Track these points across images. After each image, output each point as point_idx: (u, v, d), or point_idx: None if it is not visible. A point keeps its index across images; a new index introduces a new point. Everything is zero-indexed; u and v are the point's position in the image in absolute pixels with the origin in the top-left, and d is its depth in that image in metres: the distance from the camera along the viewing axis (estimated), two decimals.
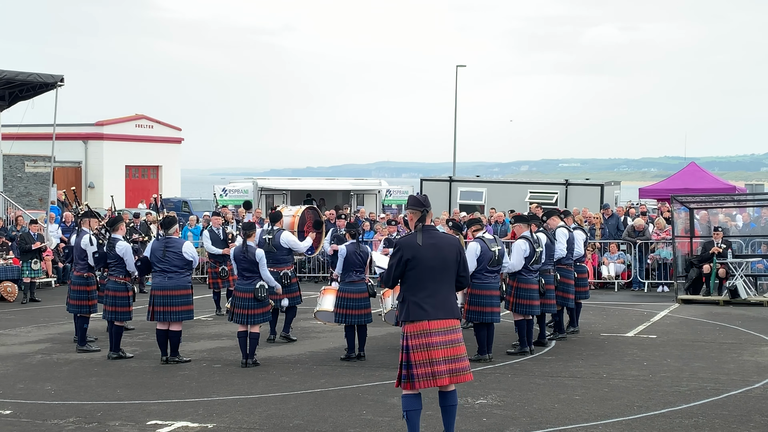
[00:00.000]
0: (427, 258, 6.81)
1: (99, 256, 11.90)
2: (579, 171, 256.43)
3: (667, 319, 15.16)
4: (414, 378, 6.80)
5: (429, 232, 6.95)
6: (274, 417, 8.49)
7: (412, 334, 6.83)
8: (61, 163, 43.47)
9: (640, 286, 19.85)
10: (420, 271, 6.80)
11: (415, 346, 6.80)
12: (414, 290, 6.84)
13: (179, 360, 11.32)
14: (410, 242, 6.86)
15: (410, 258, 6.81)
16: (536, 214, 14.67)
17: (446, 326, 6.89)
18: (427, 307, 6.79)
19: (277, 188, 32.86)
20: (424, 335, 6.79)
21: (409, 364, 6.82)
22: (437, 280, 6.85)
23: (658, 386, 9.75)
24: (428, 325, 6.79)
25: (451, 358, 6.87)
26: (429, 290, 6.81)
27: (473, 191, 29.02)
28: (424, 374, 6.79)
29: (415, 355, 6.80)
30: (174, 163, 52.95)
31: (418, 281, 6.82)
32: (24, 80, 21.72)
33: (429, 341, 6.78)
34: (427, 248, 6.82)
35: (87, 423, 8.33)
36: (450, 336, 6.89)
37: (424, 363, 6.78)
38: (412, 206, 7.04)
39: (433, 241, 6.87)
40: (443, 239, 7.02)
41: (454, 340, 6.92)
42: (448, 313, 6.90)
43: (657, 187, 29.76)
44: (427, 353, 6.78)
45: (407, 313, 6.87)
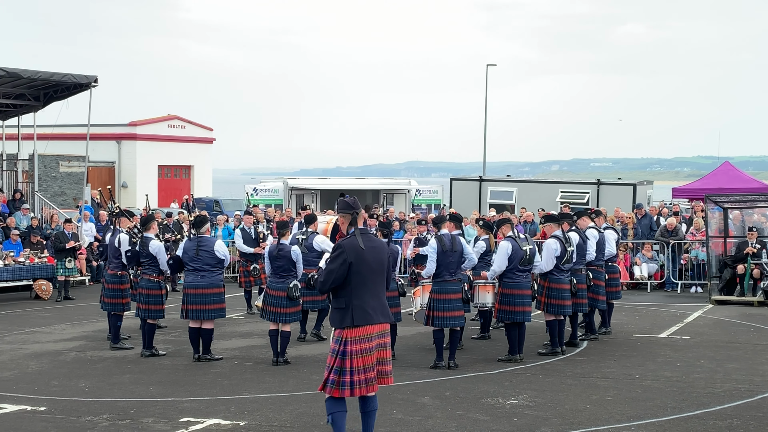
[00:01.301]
0: (369, 261, 6.65)
1: (132, 254, 12.03)
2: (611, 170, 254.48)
3: (700, 320, 15.01)
4: (347, 385, 6.57)
5: (366, 235, 6.78)
6: (305, 415, 8.52)
7: (352, 340, 6.59)
8: (95, 163, 43.89)
9: (673, 287, 19.66)
10: (364, 275, 6.62)
11: (355, 352, 6.57)
12: (359, 294, 6.62)
13: (211, 358, 11.40)
14: (353, 245, 6.65)
15: (353, 261, 6.61)
16: (567, 213, 14.60)
17: (383, 330, 6.74)
18: (371, 311, 6.62)
19: (306, 188, 32.99)
20: (366, 340, 6.60)
21: (342, 370, 6.57)
22: (378, 283, 6.72)
23: (692, 387, 9.66)
24: (371, 329, 6.61)
25: (381, 360, 6.72)
26: (372, 293, 6.66)
27: (503, 191, 28.92)
28: (363, 381, 6.59)
29: (354, 362, 6.57)
30: (206, 163, 53.29)
31: (362, 285, 6.62)
32: (59, 81, 21.98)
33: (370, 346, 6.61)
34: (368, 251, 6.67)
35: (120, 420, 8.42)
36: (384, 339, 6.74)
37: (362, 369, 6.58)
38: (342, 210, 6.85)
39: (372, 244, 6.73)
40: (379, 242, 6.88)
41: (386, 343, 6.77)
42: (387, 316, 6.78)
43: (690, 187, 29.44)
44: (369, 358, 6.60)
45: (353, 319, 6.60)
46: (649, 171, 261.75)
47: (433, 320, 10.81)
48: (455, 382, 9.99)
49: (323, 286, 6.73)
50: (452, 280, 10.82)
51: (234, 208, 34.68)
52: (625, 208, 23.64)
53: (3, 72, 20.33)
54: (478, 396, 9.29)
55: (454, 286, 10.84)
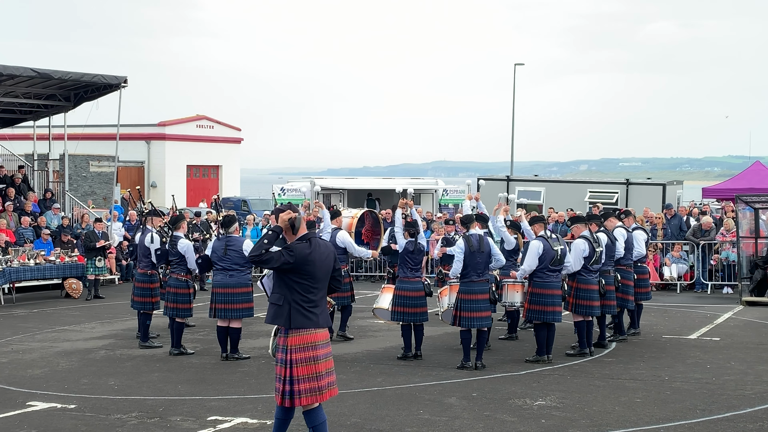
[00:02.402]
0: (314, 266, 6.53)
1: (161, 253, 12.13)
2: (640, 170, 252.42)
3: (730, 322, 14.84)
4: (296, 394, 6.45)
5: (312, 240, 6.62)
6: (332, 414, 8.52)
7: (296, 348, 6.45)
8: (125, 163, 44.30)
9: (703, 288, 19.47)
10: (308, 279, 6.51)
11: (299, 360, 6.44)
12: (300, 299, 6.49)
13: (239, 357, 11.45)
14: (300, 249, 6.50)
15: (299, 265, 6.47)
16: (596, 214, 14.50)
17: (327, 338, 6.63)
18: (312, 317, 6.50)
19: (334, 187, 33.04)
20: (311, 348, 6.48)
21: (291, 379, 6.45)
22: (321, 288, 6.60)
23: (722, 389, 9.56)
24: (315, 337, 6.50)
25: (330, 370, 6.60)
26: (315, 300, 6.54)
27: (531, 191, 28.77)
28: (310, 389, 6.45)
29: (299, 370, 6.43)
30: (234, 163, 53.58)
31: (306, 290, 6.50)
32: (89, 81, 22.18)
33: (315, 354, 6.47)
34: (316, 256, 6.54)
35: (149, 418, 8.48)
36: (329, 348, 6.65)
37: (309, 378, 6.45)
38: None
39: (319, 249, 6.59)
40: (323, 246, 6.70)
41: (330, 353, 6.67)
42: (328, 323, 6.71)
43: (721, 187, 29.12)
44: (314, 367, 6.46)
45: (290, 320, 6.46)
46: (678, 171, 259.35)
47: (461, 320, 10.78)
48: (482, 383, 9.96)
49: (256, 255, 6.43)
50: (480, 281, 10.79)
51: (262, 207, 34.88)
52: (655, 209, 23.44)
53: (34, 73, 20.56)
54: (506, 397, 9.25)
55: (482, 286, 10.81)
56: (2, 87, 21.80)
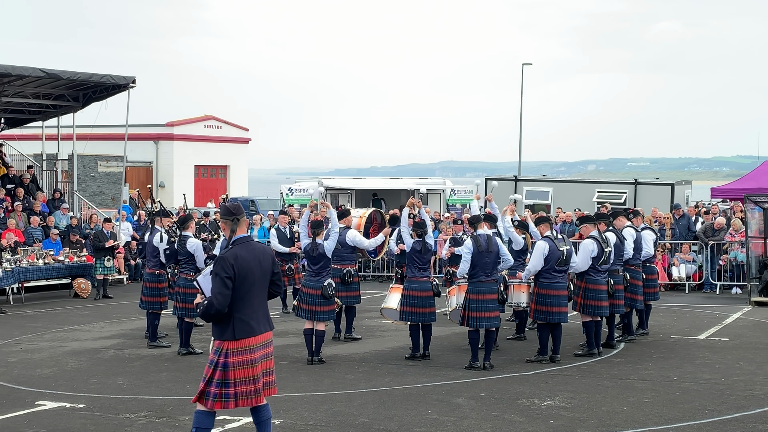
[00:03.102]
0: (251, 270, 6.38)
1: (170, 253, 12.16)
2: (648, 170, 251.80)
3: (739, 322, 14.80)
4: (231, 397, 6.33)
5: (247, 243, 6.47)
6: (340, 414, 8.54)
7: (233, 351, 6.34)
8: (133, 163, 44.40)
9: (712, 288, 19.41)
10: (245, 286, 6.35)
11: (236, 364, 6.33)
12: (240, 306, 6.34)
13: None
14: (235, 256, 6.35)
15: (237, 273, 6.32)
16: (604, 213, 14.47)
17: (267, 340, 6.50)
18: (253, 324, 6.38)
19: (342, 187, 33.06)
20: (248, 351, 6.36)
21: (225, 382, 6.33)
22: (259, 293, 6.47)
23: (731, 390, 9.53)
24: (253, 340, 6.37)
25: (267, 371, 6.50)
26: (254, 306, 6.41)
27: (539, 191, 28.72)
28: (246, 392, 6.35)
29: (236, 373, 6.33)
30: (241, 163, 53.66)
31: (244, 296, 6.35)
32: (97, 82, 22.24)
33: (252, 357, 6.36)
34: (252, 261, 6.39)
35: (158, 417, 8.50)
36: (268, 349, 6.50)
37: (246, 380, 6.35)
38: (223, 216, 6.60)
39: (254, 253, 6.44)
40: (261, 249, 6.55)
41: (269, 353, 6.53)
42: (269, 326, 6.54)
43: (730, 187, 29.03)
44: (252, 370, 6.35)
45: (233, 332, 6.33)
46: (687, 171, 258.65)
47: (469, 320, 10.77)
48: (490, 383, 9.96)
49: (222, 309, 6.27)
50: (488, 281, 10.78)
51: (269, 207, 34.90)
52: (663, 209, 23.38)
53: (43, 73, 20.63)
54: (514, 397, 9.24)
55: (490, 286, 10.80)
56: (11, 87, 21.87)
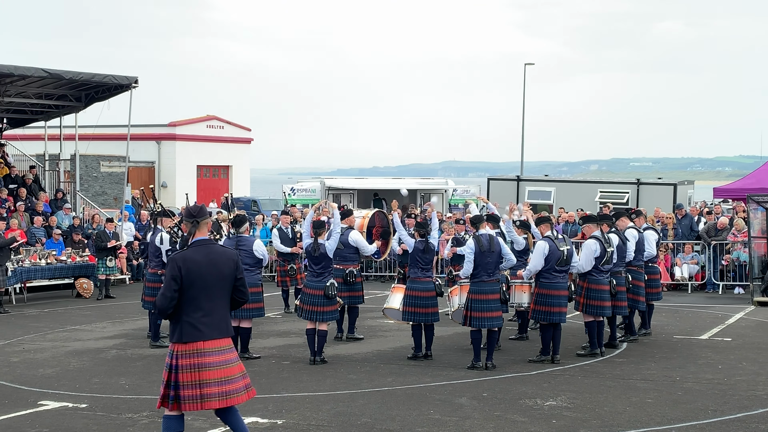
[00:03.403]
0: (204, 275, 6.31)
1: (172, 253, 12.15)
2: (651, 170, 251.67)
3: (742, 322, 14.78)
4: (180, 399, 6.30)
5: (206, 246, 6.43)
6: (342, 414, 8.54)
7: (182, 353, 6.31)
8: (135, 163, 44.46)
9: (714, 288, 19.39)
10: (197, 289, 6.30)
11: (185, 366, 6.28)
12: (189, 309, 6.30)
13: (249, 356, 11.46)
14: (186, 258, 6.33)
15: (185, 276, 6.28)
16: (607, 214, 14.46)
17: (221, 346, 6.38)
18: (202, 328, 6.29)
19: (344, 187, 33.08)
20: (197, 355, 6.29)
21: (177, 384, 6.30)
22: (214, 297, 6.36)
23: (734, 390, 9.52)
24: (202, 345, 6.30)
25: (224, 379, 6.36)
26: (205, 309, 6.32)
27: (542, 191, 28.72)
28: (192, 396, 6.29)
29: (184, 376, 6.28)
30: (244, 163, 53.68)
31: (193, 299, 6.30)
32: (100, 82, 22.26)
33: (201, 361, 6.29)
34: (205, 264, 6.33)
35: (160, 417, 8.46)
36: (225, 356, 6.39)
37: (192, 384, 6.28)
38: (185, 217, 6.59)
39: (211, 256, 6.37)
40: (221, 254, 6.45)
41: (229, 360, 6.42)
42: (223, 332, 6.41)
43: (732, 187, 28.97)
44: (198, 374, 6.28)
45: (180, 334, 6.32)
46: (689, 170, 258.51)
47: (471, 320, 10.77)
48: (493, 383, 9.95)
49: (165, 304, 6.30)
50: (490, 281, 10.78)
51: (272, 207, 34.95)
52: (666, 209, 23.37)
53: (45, 73, 20.65)
54: (516, 397, 9.24)
55: (492, 286, 10.79)
56: (14, 87, 21.90)
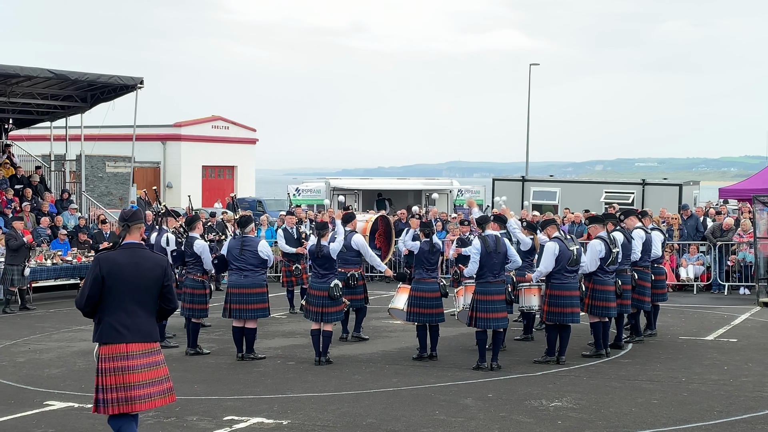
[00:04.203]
0: (126, 277, 6.34)
1: (177, 254, 12.17)
2: (656, 170, 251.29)
3: (748, 323, 14.75)
4: (106, 402, 6.35)
5: (133, 249, 6.46)
6: (348, 415, 8.54)
7: (106, 357, 6.35)
8: (141, 164, 44.51)
9: (720, 289, 19.35)
10: (118, 291, 6.33)
11: (108, 370, 6.34)
12: (110, 311, 6.34)
13: (254, 357, 11.48)
14: (110, 259, 6.38)
15: (106, 276, 6.32)
16: (612, 214, 14.44)
17: (145, 349, 6.42)
18: (123, 330, 6.32)
19: (348, 188, 33.05)
20: (121, 358, 6.33)
21: (103, 387, 6.36)
22: (137, 301, 6.38)
23: (739, 391, 9.50)
24: (126, 348, 6.34)
25: (149, 382, 6.42)
26: (127, 312, 6.35)
27: (546, 191, 28.70)
28: (117, 399, 6.32)
29: (107, 379, 6.33)
30: (249, 164, 53.70)
31: (115, 301, 6.34)
32: (105, 82, 22.31)
33: (126, 364, 6.33)
34: (128, 266, 6.36)
35: (165, 418, 8.51)
36: (148, 359, 6.43)
37: (116, 387, 6.32)
38: (118, 221, 6.56)
39: (136, 260, 6.40)
40: (148, 259, 6.49)
41: (153, 363, 6.47)
42: (146, 336, 6.43)
43: (738, 187, 28.90)
44: (122, 377, 6.32)
45: (100, 335, 6.37)
46: (695, 171, 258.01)
47: (476, 321, 10.76)
48: (498, 384, 9.95)
49: (80, 301, 6.39)
50: (496, 281, 10.77)
51: (277, 208, 34.95)
52: (671, 209, 23.34)
53: (51, 74, 20.69)
54: (522, 398, 9.23)
55: (498, 287, 10.78)
56: (19, 88, 21.95)
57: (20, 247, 16.74)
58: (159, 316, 6.61)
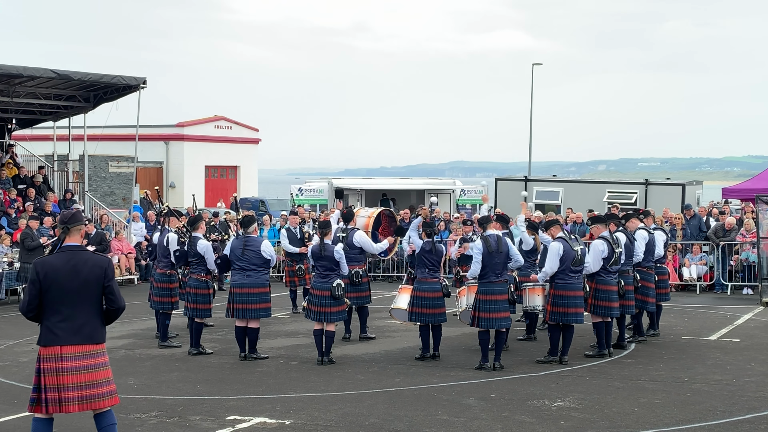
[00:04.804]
0: (62, 280, 6.36)
1: (180, 254, 12.19)
2: (659, 170, 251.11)
3: (751, 323, 14.74)
4: (44, 402, 6.43)
5: (72, 252, 6.47)
6: (350, 415, 8.55)
7: (44, 357, 6.45)
8: (144, 164, 44.55)
9: (723, 289, 19.34)
10: (55, 294, 6.36)
11: (47, 370, 6.42)
12: (48, 313, 6.41)
13: (257, 357, 11.49)
14: (46, 263, 6.42)
15: (42, 280, 6.36)
16: (614, 214, 14.44)
17: (82, 351, 6.44)
18: (59, 332, 6.37)
19: (351, 188, 33.08)
20: (56, 359, 6.40)
21: (40, 387, 6.45)
22: (75, 303, 6.40)
23: (742, 391, 9.49)
24: (60, 350, 6.40)
25: (84, 384, 6.44)
26: (63, 314, 6.38)
27: (549, 191, 28.67)
28: (53, 399, 6.42)
29: (46, 379, 6.41)
30: (252, 164, 53.73)
31: (52, 304, 6.38)
32: (108, 83, 22.33)
33: (60, 366, 6.39)
34: (65, 269, 6.37)
35: (168, 417, 8.52)
36: (86, 361, 6.45)
37: (52, 388, 6.40)
38: (58, 224, 6.62)
39: (74, 262, 6.40)
40: (88, 260, 6.48)
41: (91, 365, 6.47)
42: (86, 339, 6.44)
43: (741, 187, 28.91)
44: (57, 378, 6.39)
45: (40, 337, 6.48)
46: (698, 171, 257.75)
47: (479, 321, 10.76)
48: (500, 384, 9.95)
49: (23, 306, 6.51)
50: (498, 281, 10.77)
51: (279, 208, 34.98)
52: (674, 209, 23.30)
53: (54, 74, 20.71)
54: (524, 398, 9.23)
55: (500, 287, 10.79)
56: (22, 88, 21.97)
57: (36, 248, 17.09)
58: (106, 318, 6.60)
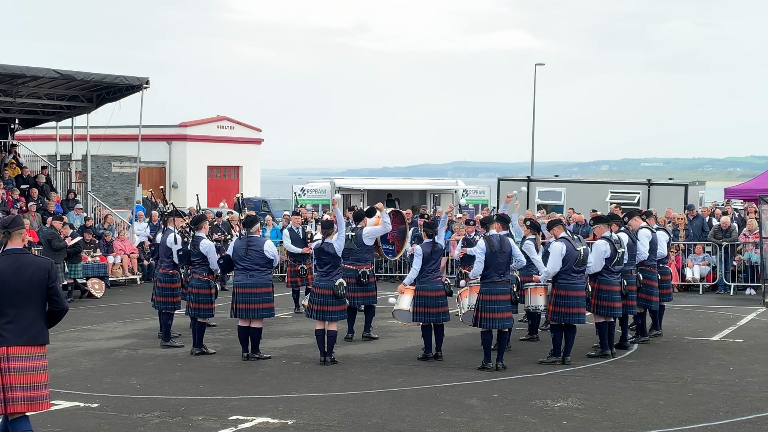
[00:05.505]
0: (6, 283, 6.44)
1: (183, 253, 12.20)
2: (662, 171, 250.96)
3: (754, 323, 14.73)
4: None
5: (15, 255, 6.56)
6: (353, 415, 8.55)
7: None
8: (146, 164, 44.56)
9: (726, 289, 19.32)
10: (0, 296, 6.43)
11: None
12: None
13: (260, 356, 11.50)
14: None
15: None
16: (616, 214, 14.43)
17: (28, 353, 6.51)
18: (5, 334, 6.43)
19: (354, 188, 33.08)
20: (2, 360, 6.43)
21: None
22: (20, 305, 6.47)
23: (745, 391, 9.48)
24: (6, 350, 6.44)
25: (28, 385, 6.49)
26: (9, 316, 6.45)
27: (552, 191, 28.65)
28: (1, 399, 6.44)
29: None
30: (254, 164, 53.71)
31: None
32: (111, 83, 22.35)
33: (6, 366, 6.44)
34: (8, 272, 6.46)
35: (171, 417, 8.53)
36: (31, 363, 6.52)
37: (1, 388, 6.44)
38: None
39: (17, 265, 6.49)
40: (31, 263, 6.56)
41: (35, 367, 6.54)
42: (31, 340, 6.52)
43: (743, 187, 28.86)
44: (1, 378, 6.43)
45: None
46: (701, 171, 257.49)
47: (481, 321, 10.76)
48: (503, 384, 9.94)
49: None
50: (501, 281, 10.77)
51: (282, 208, 34.96)
52: (677, 209, 23.28)
53: (57, 74, 20.74)
54: (527, 398, 9.23)
55: (503, 287, 10.78)
56: (25, 88, 22.00)
57: (62, 248, 17.60)
58: (50, 320, 6.66)
